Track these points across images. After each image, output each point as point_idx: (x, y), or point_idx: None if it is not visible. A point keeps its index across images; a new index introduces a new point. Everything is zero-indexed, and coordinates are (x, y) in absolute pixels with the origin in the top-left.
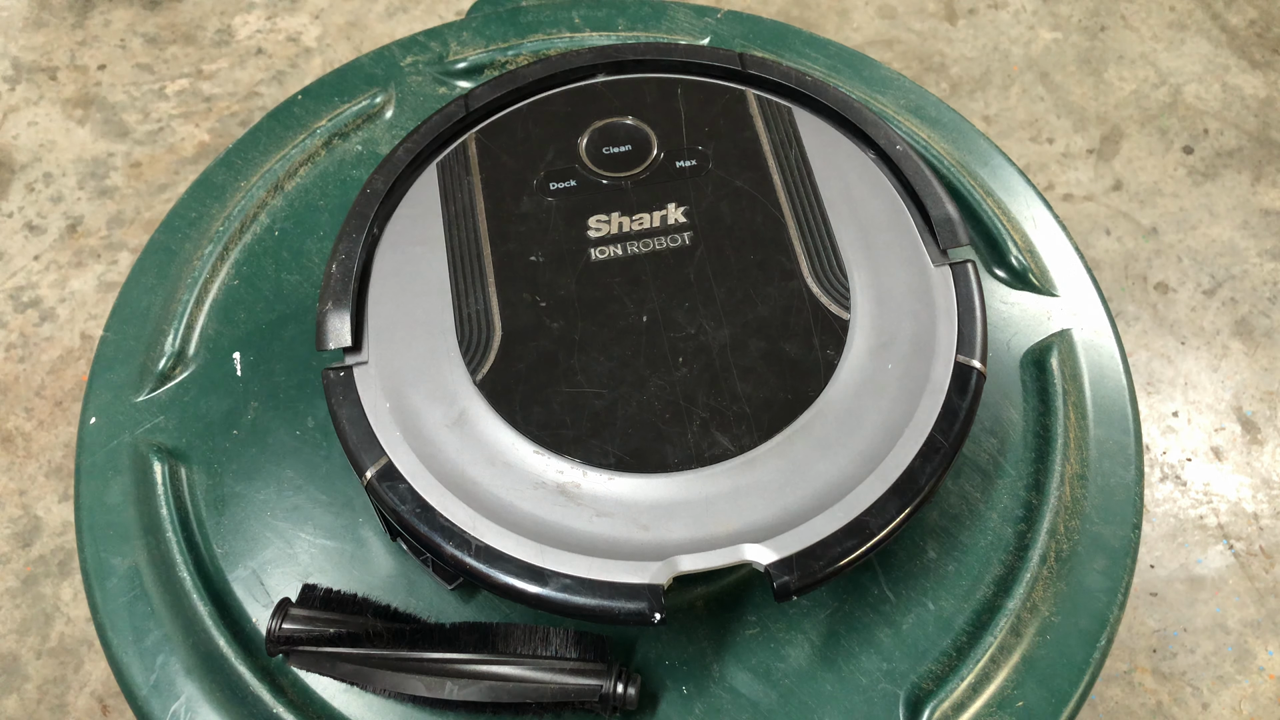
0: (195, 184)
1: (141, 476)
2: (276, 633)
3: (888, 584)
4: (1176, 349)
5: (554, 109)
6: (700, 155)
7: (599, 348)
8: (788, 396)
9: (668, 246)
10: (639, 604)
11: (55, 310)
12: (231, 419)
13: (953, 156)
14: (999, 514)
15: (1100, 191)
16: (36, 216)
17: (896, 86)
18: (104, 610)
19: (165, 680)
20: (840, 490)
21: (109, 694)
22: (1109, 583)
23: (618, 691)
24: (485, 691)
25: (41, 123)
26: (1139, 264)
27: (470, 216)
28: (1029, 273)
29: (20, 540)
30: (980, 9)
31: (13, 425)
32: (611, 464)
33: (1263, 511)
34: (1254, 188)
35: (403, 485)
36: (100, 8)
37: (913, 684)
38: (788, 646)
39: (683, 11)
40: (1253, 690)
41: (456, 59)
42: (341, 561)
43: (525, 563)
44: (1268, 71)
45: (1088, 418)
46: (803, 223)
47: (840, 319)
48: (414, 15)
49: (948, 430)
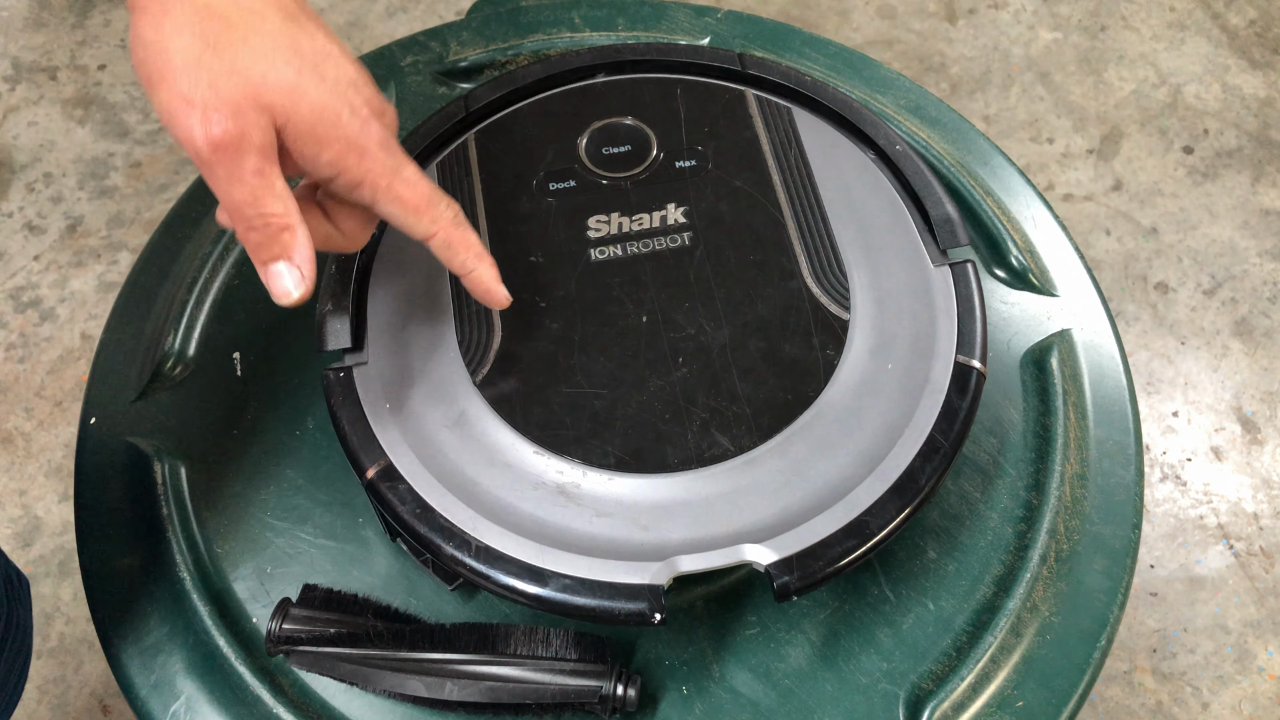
0: (195, 184)
1: (141, 476)
2: (277, 633)
3: (888, 584)
4: (1176, 349)
5: (554, 109)
6: (700, 155)
7: (599, 348)
8: (787, 397)
9: (667, 247)
10: (639, 604)
11: (55, 310)
12: (231, 419)
13: (953, 156)
14: (999, 514)
15: (1100, 191)
16: (36, 216)
17: (896, 86)
18: (104, 610)
19: (165, 680)
20: (840, 490)
21: (109, 694)
22: (1109, 583)
23: (618, 692)
24: (485, 692)
25: (41, 123)
26: (1139, 264)
27: (470, 217)
28: (1029, 273)
29: (20, 540)
30: (980, 9)
31: (13, 425)
32: (611, 464)
33: (1263, 511)
34: (1254, 188)
35: (403, 486)
36: (100, 8)
37: (913, 684)
38: (788, 646)
39: (683, 11)
40: (1253, 690)
41: (456, 59)
42: (341, 561)
43: (525, 563)
44: (1268, 71)
45: (1088, 418)
46: (802, 223)
47: (840, 319)
48: (414, 15)
49: (947, 430)
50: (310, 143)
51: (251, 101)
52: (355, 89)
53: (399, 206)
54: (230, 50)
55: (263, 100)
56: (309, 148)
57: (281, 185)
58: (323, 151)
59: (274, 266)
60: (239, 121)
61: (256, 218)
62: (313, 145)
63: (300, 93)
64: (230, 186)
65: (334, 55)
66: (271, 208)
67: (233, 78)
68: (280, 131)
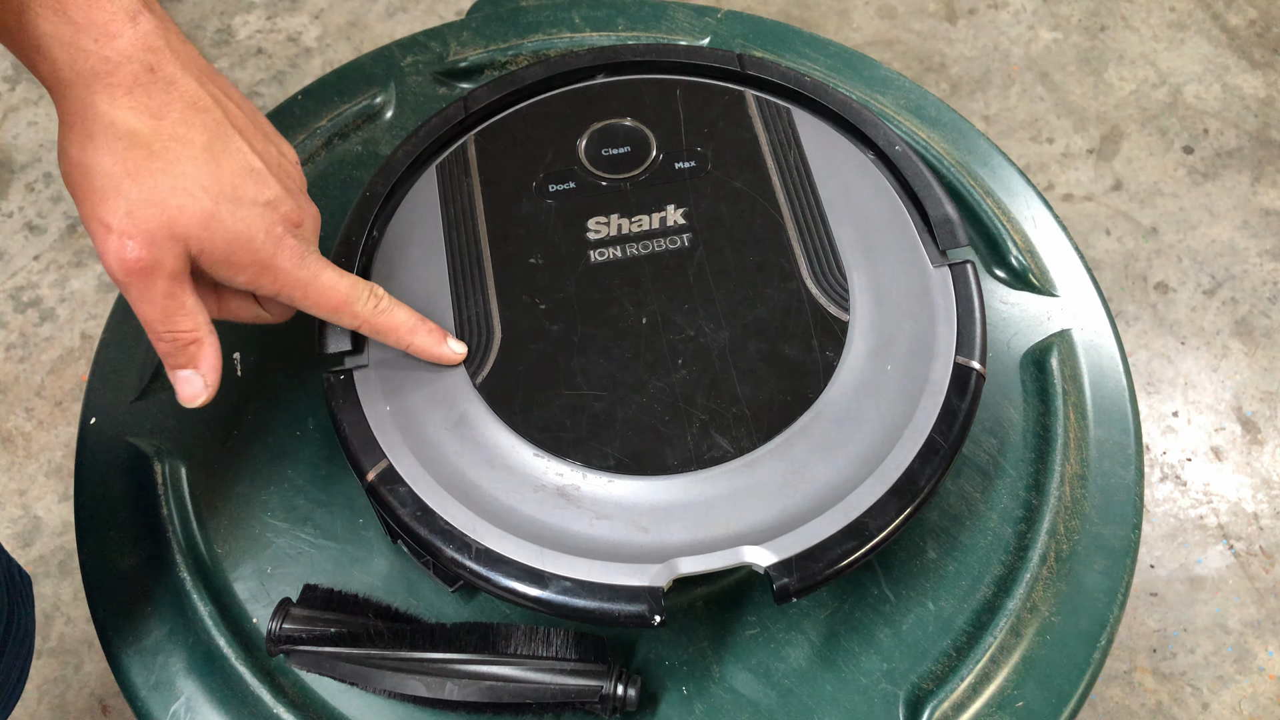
0: None
1: (141, 476)
2: (277, 633)
3: (888, 584)
4: (1176, 349)
5: (553, 110)
6: (699, 156)
7: (598, 350)
8: (787, 398)
9: (667, 248)
10: (639, 606)
11: (55, 310)
12: (231, 419)
13: (953, 156)
14: (999, 514)
15: (1100, 191)
16: (36, 216)
17: (896, 86)
18: (104, 610)
19: (165, 680)
20: (840, 492)
21: (109, 694)
22: (1109, 583)
23: (618, 693)
24: (485, 692)
25: (41, 123)
26: (1139, 264)
27: (470, 219)
28: (1029, 273)
29: (20, 540)
30: (980, 9)
31: (13, 425)
32: (611, 466)
33: (1263, 511)
34: (1254, 188)
35: (403, 488)
36: None
37: (913, 684)
38: (788, 647)
39: (683, 11)
40: (1253, 690)
41: (456, 59)
42: (342, 562)
43: (525, 565)
44: (1268, 71)
45: (1088, 418)
46: (802, 224)
47: (839, 320)
48: (414, 15)
49: (947, 431)
50: (225, 267)
51: (166, 232)
52: (272, 208)
53: (318, 310)
54: (150, 180)
55: (178, 231)
56: (224, 271)
57: (192, 302)
58: (238, 275)
59: (181, 373)
60: (153, 251)
61: (166, 334)
62: (227, 270)
63: (216, 222)
64: (142, 305)
65: (255, 173)
66: (180, 325)
67: (149, 208)
68: (195, 258)
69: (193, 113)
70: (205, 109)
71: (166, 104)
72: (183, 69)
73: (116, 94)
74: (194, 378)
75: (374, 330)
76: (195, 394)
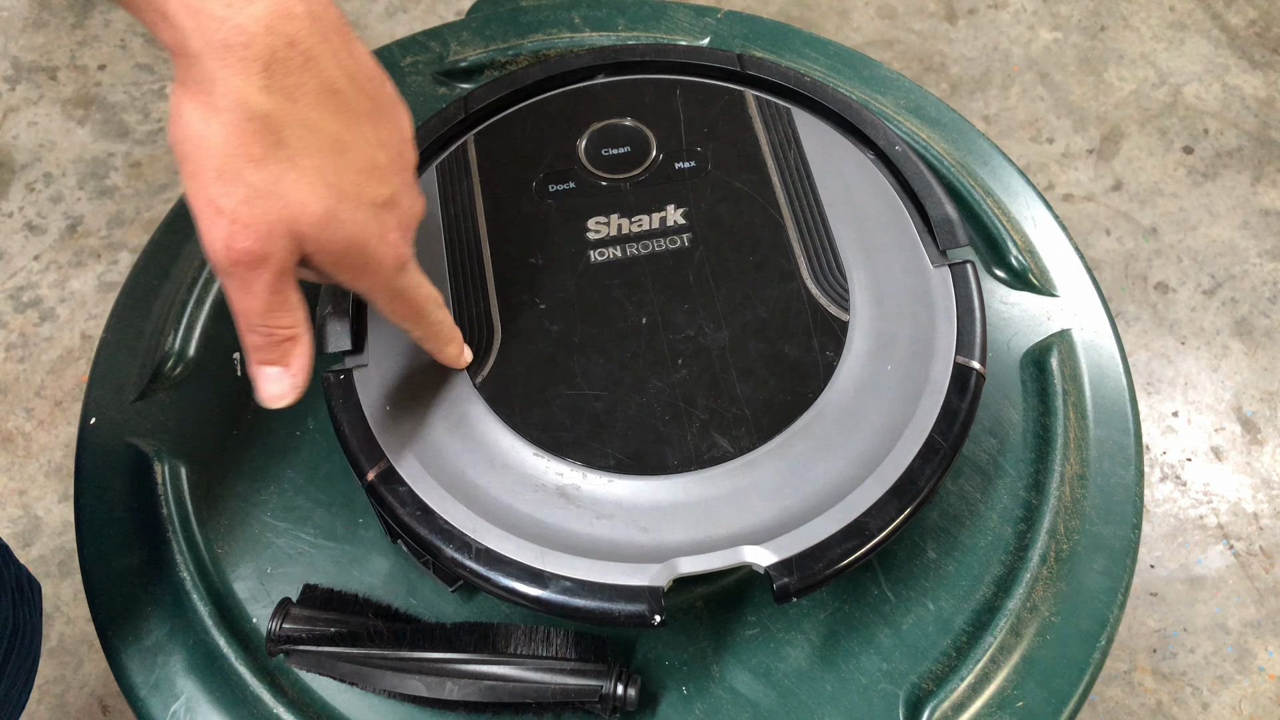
0: None
1: (141, 476)
2: (277, 633)
3: (888, 584)
4: (1176, 349)
5: (553, 110)
6: (699, 156)
7: (598, 350)
8: (787, 398)
9: (667, 248)
10: (639, 606)
11: (55, 310)
12: (231, 419)
13: (953, 156)
14: (999, 514)
15: (1100, 191)
16: (36, 216)
17: (896, 86)
18: (104, 610)
19: (165, 680)
20: (840, 492)
21: (109, 694)
22: (1109, 583)
23: (618, 692)
24: (485, 691)
25: (41, 123)
26: (1139, 264)
27: (469, 219)
28: (1029, 273)
29: (20, 540)
30: (980, 9)
31: (13, 425)
32: (611, 466)
33: (1263, 511)
34: (1254, 188)
35: (403, 488)
36: (100, 8)
37: (913, 684)
38: (788, 647)
39: (683, 11)
40: (1253, 690)
41: (456, 59)
42: (342, 561)
43: (525, 565)
44: (1268, 71)
45: (1088, 418)
46: (802, 224)
47: (839, 320)
48: (414, 15)
49: (947, 431)
50: (331, 266)
51: (285, 227)
52: (389, 209)
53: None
54: (275, 168)
55: (296, 228)
56: (329, 269)
57: (295, 298)
58: (340, 273)
59: (269, 370)
60: (265, 244)
61: (262, 327)
62: (333, 268)
63: (335, 224)
64: (242, 296)
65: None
66: (280, 321)
67: (269, 199)
68: (308, 256)
69: (327, 95)
70: (339, 91)
71: (301, 84)
72: (323, 39)
73: (252, 70)
74: (283, 376)
75: (421, 336)
76: (281, 394)
